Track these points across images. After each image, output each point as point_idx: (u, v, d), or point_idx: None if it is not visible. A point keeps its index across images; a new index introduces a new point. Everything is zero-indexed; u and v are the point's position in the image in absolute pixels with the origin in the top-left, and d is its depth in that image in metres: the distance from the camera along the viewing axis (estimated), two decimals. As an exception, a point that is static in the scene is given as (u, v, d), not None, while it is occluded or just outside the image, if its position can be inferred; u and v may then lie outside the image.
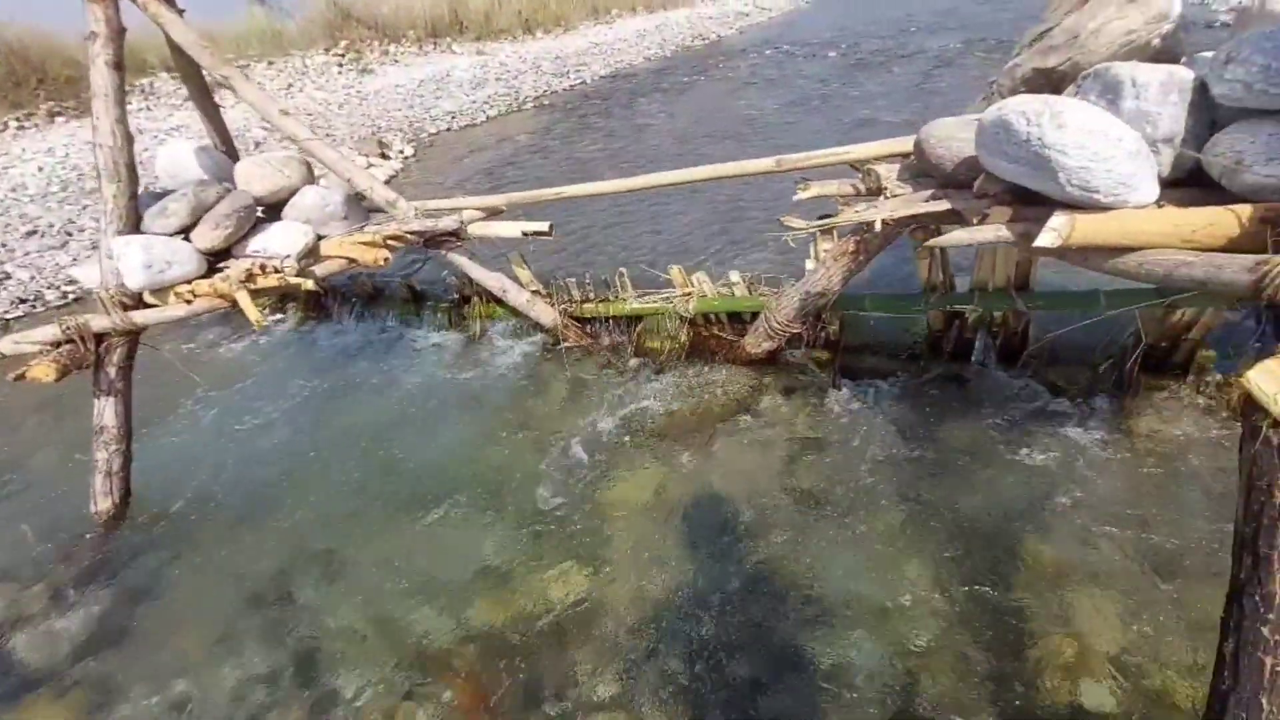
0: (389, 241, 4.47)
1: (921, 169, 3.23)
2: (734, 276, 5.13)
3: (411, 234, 4.58)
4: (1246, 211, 2.21)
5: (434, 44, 20.26)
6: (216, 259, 4.29)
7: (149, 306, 4.09)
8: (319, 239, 4.46)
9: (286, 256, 4.14)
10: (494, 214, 5.03)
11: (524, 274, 5.60)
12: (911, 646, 3.21)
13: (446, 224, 4.59)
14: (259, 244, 4.26)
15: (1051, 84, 2.82)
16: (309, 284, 4.19)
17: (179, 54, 4.59)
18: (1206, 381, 4.40)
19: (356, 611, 3.69)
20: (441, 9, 20.33)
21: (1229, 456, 3.13)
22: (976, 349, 4.80)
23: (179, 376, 5.11)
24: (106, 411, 4.15)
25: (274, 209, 4.55)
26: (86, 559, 4.14)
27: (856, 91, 14.07)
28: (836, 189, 3.86)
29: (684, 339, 5.41)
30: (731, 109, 13.85)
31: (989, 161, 2.60)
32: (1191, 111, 2.43)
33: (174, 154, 4.57)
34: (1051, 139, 2.23)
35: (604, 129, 13.39)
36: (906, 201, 3.02)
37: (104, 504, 4.32)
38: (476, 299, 5.97)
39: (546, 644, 3.40)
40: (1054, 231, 2.25)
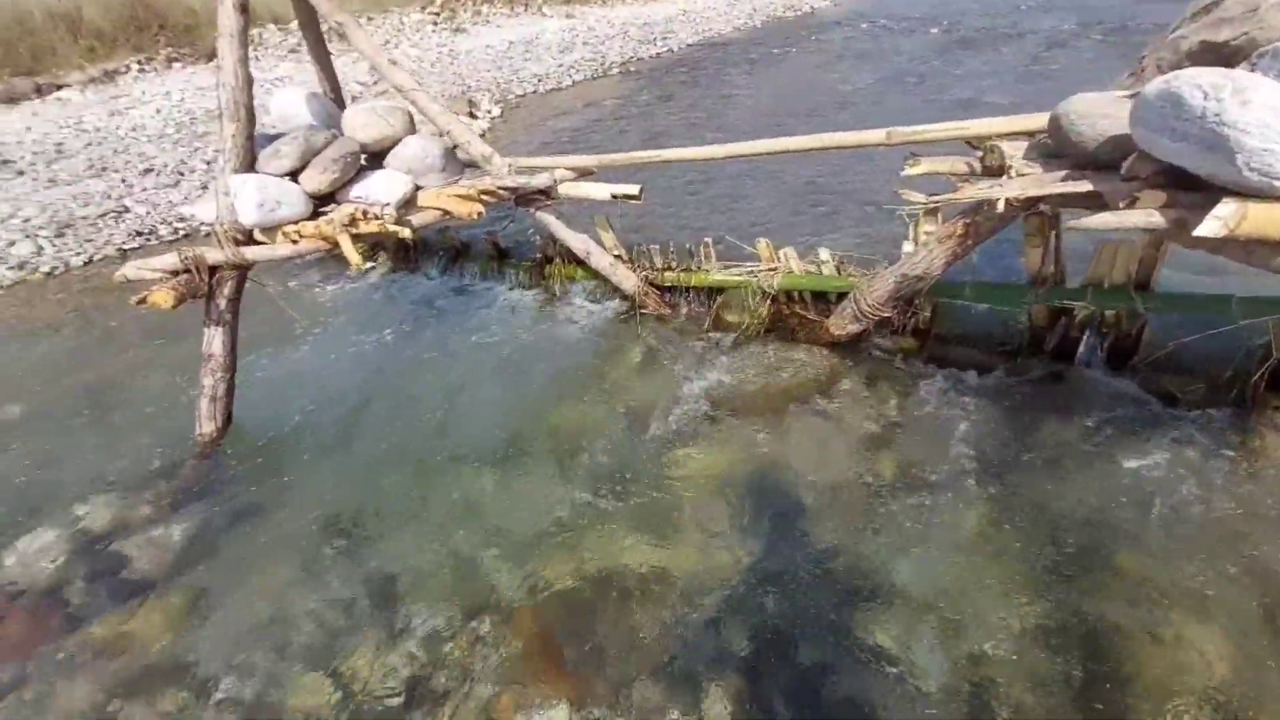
0: (483, 196, 4.52)
1: (1055, 148, 2.99)
2: (823, 254, 4.97)
3: (505, 190, 4.61)
4: None
5: (525, 6, 20.32)
6: (321, 203, 4.45)
7: (258, 244, 4.29)
8: (417, 189, 4.56)
9: (387, 204, 4.25)
10: (585, 174, 5.01)
11: (608, 238, 5.58)
12: (984, 650, 3.08)
13: (539, 181, 4.61)
14: (361, 190, 4.38)
15: (1222, 60, 2.53)
16: (406, 232, 4.29)
17: (299, 1, 4.73)
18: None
19: (430, 552, 3.83)
20: (535, -30, 20.31)
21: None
22: (1082, 349, 4.49)
23: (277, 313, 5.37)
24: (215, 340, 4.41)
25: (376, 157, 4.65)
26: (189, 477, 4.46)
27: (959, 70, 13.30)
28: (949, 167, 3.64)
29: (764, 315, 5.29)
30: (823, 84, 13.33)
31: (1146, 140, 2.36)
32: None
33: (286, 99, 4.73)
34: (1232, 116, 1.99)
35: (689, 99, 13.15)
36: (1037, 181, 2.80)
37: (208, 427, 4.62)
38: (559, 259, 6.01)
39: (611, 604, 3.44)
40: (1219, 220, 2.02)
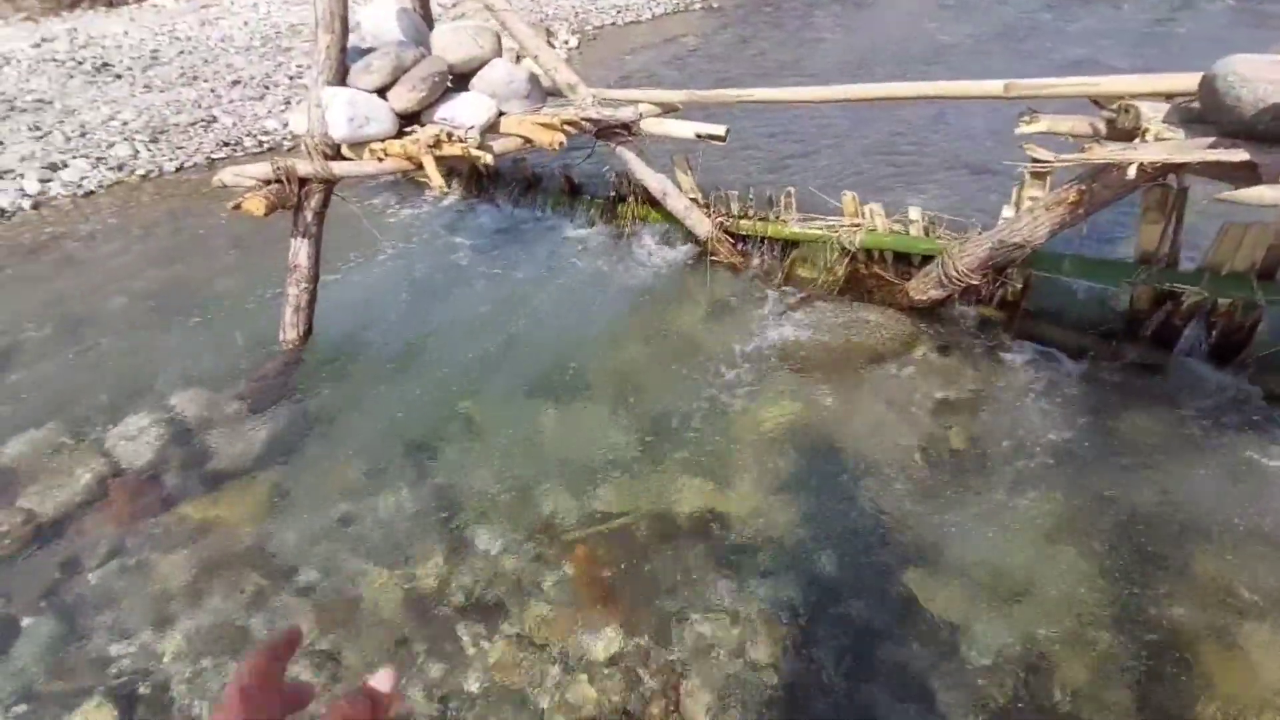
0: (566, 126, 4.44)
1: (1202, 112, 2.71)
2: (913, 213, 4.72)
3: (588, 121, 4.51)
4: None
5: (608, -71, 19.40)
6: (406, 122, 4.45)
7: (345, 159, 4.34)
8: (500, 115, 4.50)
9: (471, 127, 4.22)
10: (669, 111, 4.85)
11: (685, 180, 5.44)
12: (1044, 635, 3.02)
13: (624, 115, 4.48)
14: (446, 112, 4.36)
15: None
16: (487, 158, 4.27)
17: (393, -91, 4.62)
18: None
19: (493, 475, 3.95)
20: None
21: None
22: (1185, 338, 4.19)
23: (355, 230, 5.49)
24: (301, 252, 4.55)
25: (462, 79, 4.60)
26: (272, 380, 4.68)
27: (1073, 27, 12.21)
28: (1070, 126, 3.36)
29: (841, 273, 5.12)
30: (919, 33, 12.46)
31: (1324, 108, 2.11)
32: None
33: (378, 14, 4.68)
34: None
35: (773, 40, 12.52)
36: (1181, 147, 2.55)
37: (291, 334, 4.82)
38: (632, 198, 5.90)
39: (665, 544, 3.50)
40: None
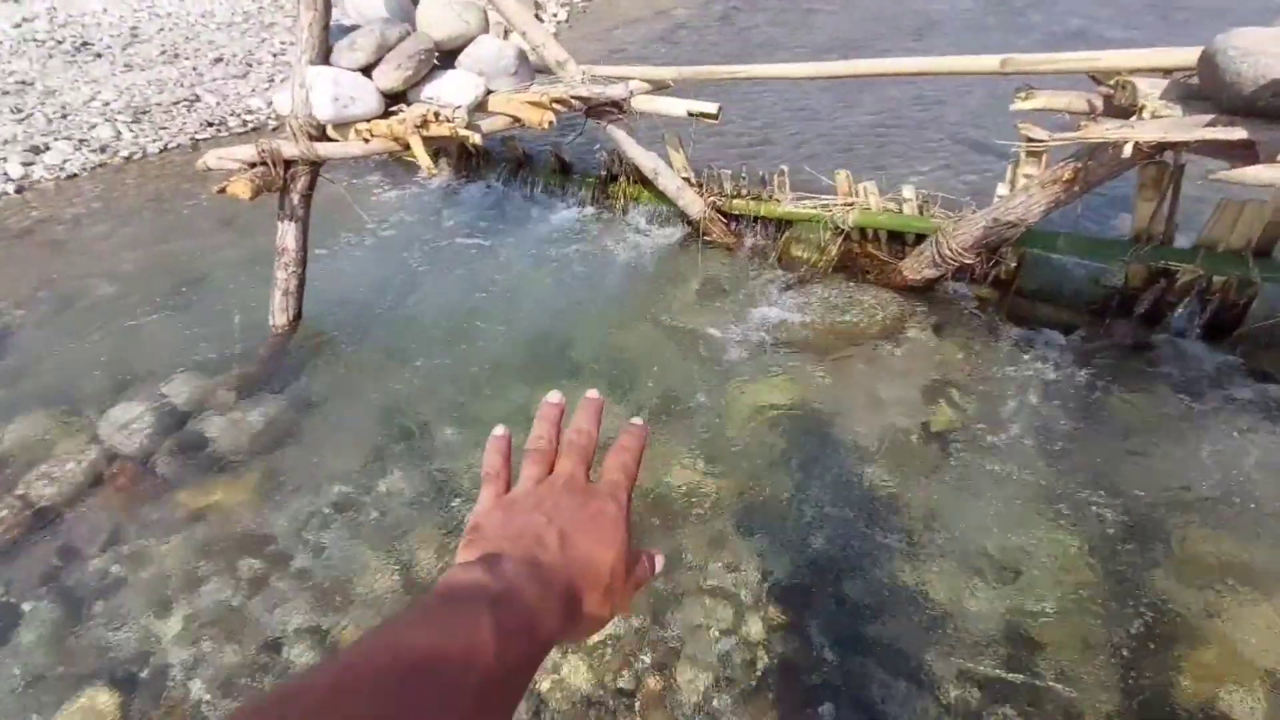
0: (555, 104, 4.36)
1: (1201, 88, 2.66)
2: (906, 192, 4.67)
3: (578, 99, 4.43)
4: None
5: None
6: (392, 101, 4.36)
7: (331, 140, 4.27)
8: (488, 93, 4.42)
9: (458, 106, 4.14)
10: (661, 88, 4.77)
11: (678, 158, 5.37)
12: (1034, 610, 3.06)
13: (615, 92, 4.40)
14: (432, 91, 4.27)
15: None
16: (475, 138, 4.20)
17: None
18: None
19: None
20: None
21: None
22: (1178, 316, 4.19)
23: (343, 212, 5.42)
24: (288, 235, 4.49)
25: (448, 56, 4.50)
26: (264, 364, 4.66)
27: (1071, -3, 11.98)
28: (1067, 102, 3.32)
29: (834, 252, 5.08)
30: (915, 4, 12.25)
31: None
32: None
33: (360, -13, 4.56)
34: None
35: (768, 12, 12.28)
36: (1179, 125, 2.51)
37: (281, 319, 4.78)
38: (624, 178, 5.83)
39: (660, 524, 3.52)
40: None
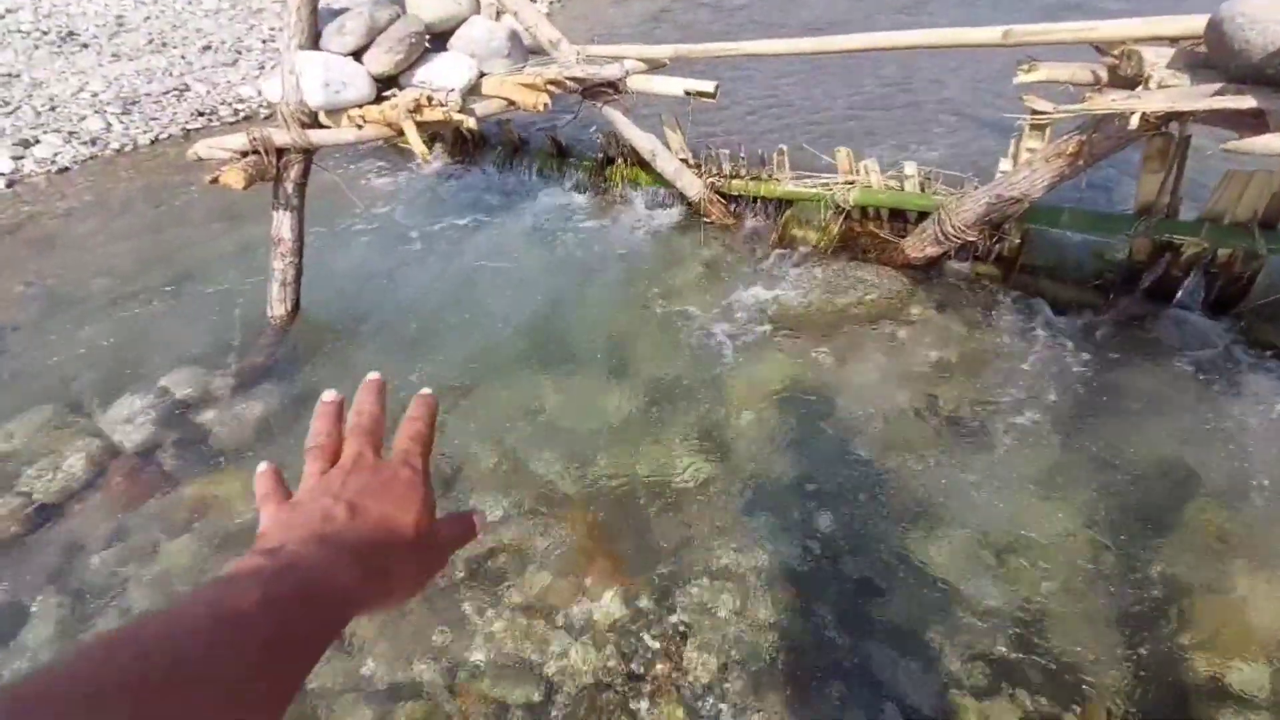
0: (549, 86, 4.28)
1: (1208, 57, 2.61)
2: (908, 169, 4.61)
3: (572, 80, 4.35)
4: None
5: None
6: (384, 86, 4.28)
7: (323, 128, 4.20)
8: (481, 75, 4.34)
9: (451, 90, 4.07)
10: (656, 67, 4.69)
11: (675, 139, 5.29)
12: (1041, 587, 3.06)
13: (610, 72, 4.33)
14: (425, 74, 4.20)
15: None
16: (469, 122, 4.13)
17: None
18: None
19: (488, 445, 3.94)
20: None
21: None
22: (1183, 290, 4.16)
23: (337, 200, 5.36)
24: (284, 225, 4.44)
25: (439, 38, 4.42)
26: (263, 355, 4.63)
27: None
28: (1070, 74, 3.25)
29: (834, 232, 5.03)
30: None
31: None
32: None
33: (348, -31, 4.47)
34: None
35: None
36: (1186, 94, 2.46)
37: (279, 310, 4.75)
38: (621, 160, 5.76)
39: (664, 507, 3.52)
40: None
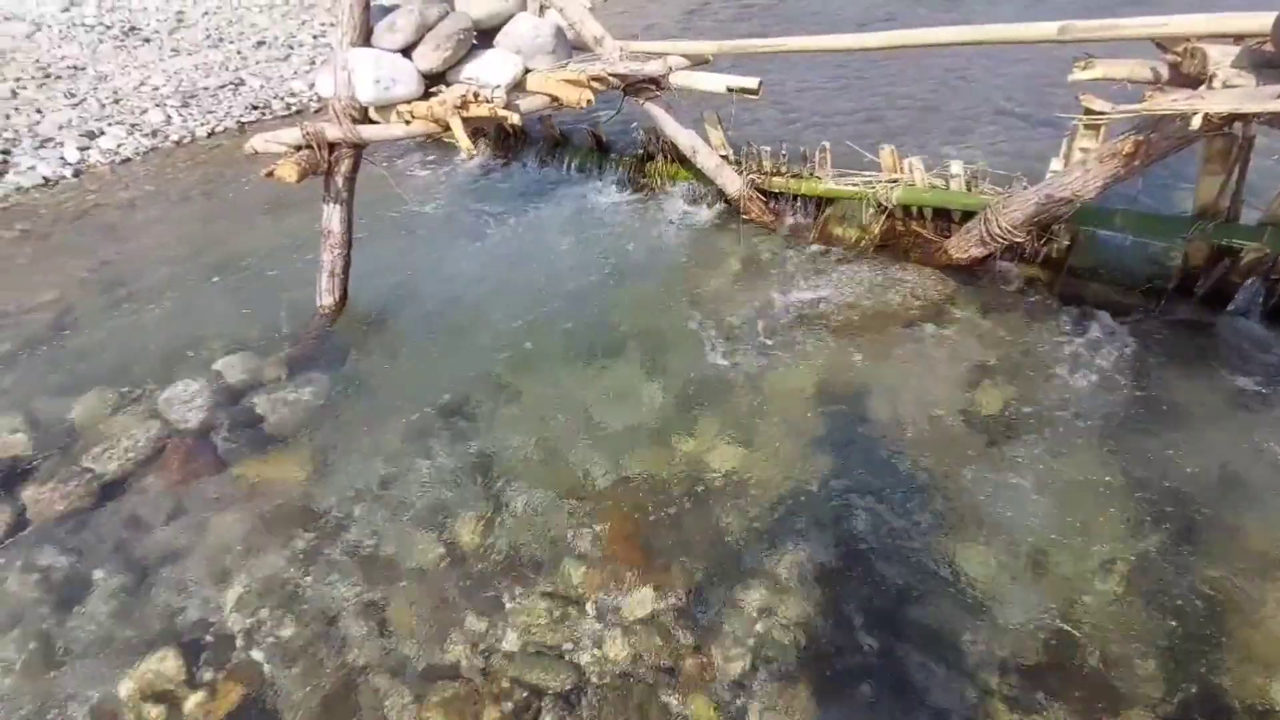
0: (593, 82, 4.32)
1: (1276, 56, 2.50)
2: (954, 168, 4.53)
3: (615, 76, 4.39)
4: None
5: None
6: (431, 82, 4.38)
7: (372, 123, 4.32)
8: (526, 72, 4.40)
9: (497, 86, 4.14)
10: (699, 63, 4.69)
11: (716, 135, 5.29)
12: (1080, 599, 3.01)
13: (652, 68, 4.35)
14: (472, 71, 4.28)
15: None
16: (514, 118, 4.19)
17: None
18: None
19: (526, 437, 4.03)
20: None
21: None
22: (1241, 296, 4.00)
23: (384, 194, 5.50)
24: (333, 217, 4.58)
25: (486, 35, 4.50)
26: (312, 343, 4.80)
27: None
28: (1129, 71, 3.16)
29: (876, 230, 4.97)
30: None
31: None
32: None
33: (400, -33, 4.57)
34: None
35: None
36: (1250, 95, 2.37)
37: (328, 300, 4.91)
38: (661, 156, 5.78)
39: (698, 503, 3.55)
40: None
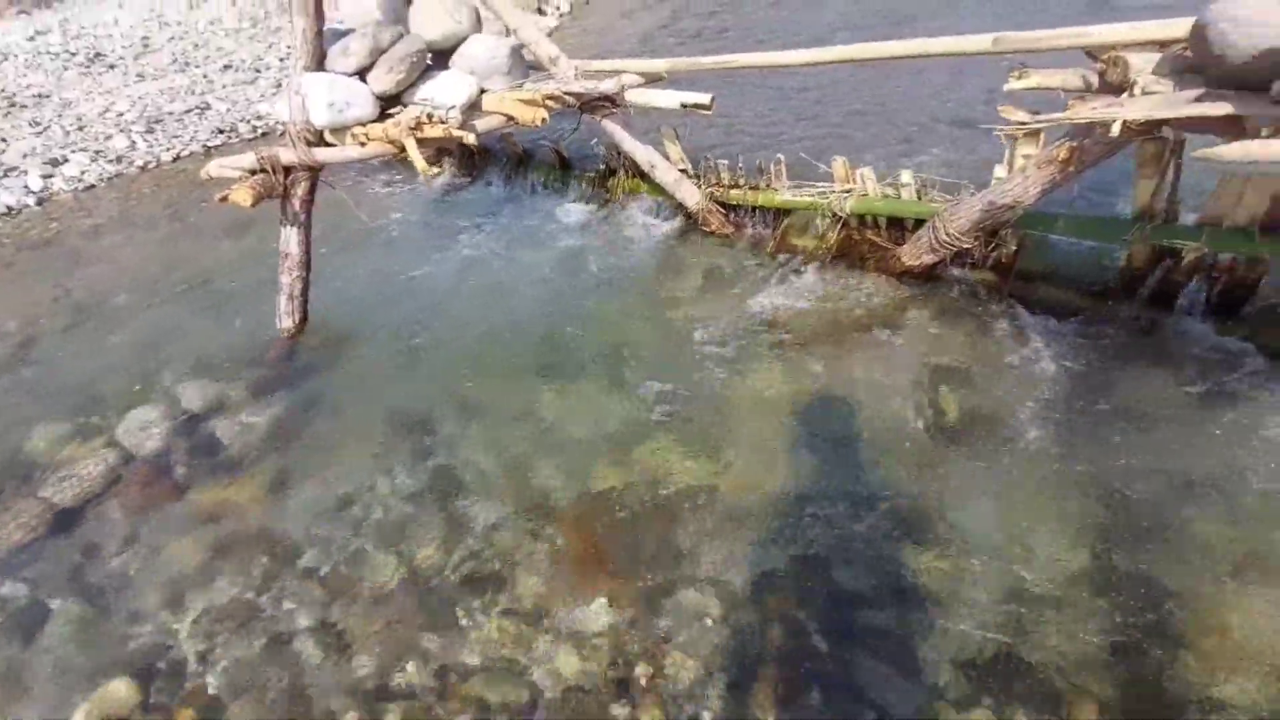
0: (547, 101, 4.38)
1: (1195, 61, 2.60)
2: (905, 177, 4.62)
3: (570, 95, 4.44)
4: None
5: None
6: (387, 104, 4.41)
7: (328, 145, 4.33)
8: (481, 92, 4.45)
9: (452, 107, 4.18)
10: (654, 80, 4.76)
11: (674, 150, 5.36)
12: (1031, 597, 3.04)
13: (606, 87, 4.41)
14: (427, 92, 4.31)
15: None
16: (470, 138, 4.24)
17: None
18: None
19: (488, 453, 4.02)
20: None
21: None
22: (1184, 296, 4.10)
23: (344, 215, 5.50)
24: (291, 240, 4.58)
25: (442, 56, 4.54)
26: (272, 367, 4.78)
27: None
28: (1061, 80, 3.26)
29: (832, 240, 5.05)
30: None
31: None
32: None
33: (355, -8, 4.61)
34: None
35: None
36: (1165, 102, 2.46)
37: (287, 323, 4.89)
38: (622, 172, 5.84)
39: (657, 515, 3.56)
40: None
